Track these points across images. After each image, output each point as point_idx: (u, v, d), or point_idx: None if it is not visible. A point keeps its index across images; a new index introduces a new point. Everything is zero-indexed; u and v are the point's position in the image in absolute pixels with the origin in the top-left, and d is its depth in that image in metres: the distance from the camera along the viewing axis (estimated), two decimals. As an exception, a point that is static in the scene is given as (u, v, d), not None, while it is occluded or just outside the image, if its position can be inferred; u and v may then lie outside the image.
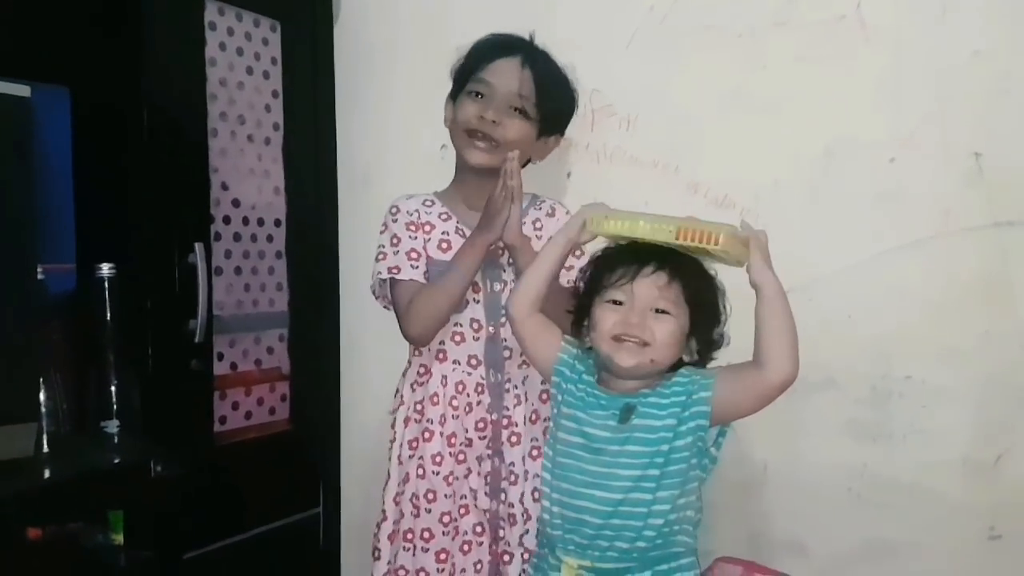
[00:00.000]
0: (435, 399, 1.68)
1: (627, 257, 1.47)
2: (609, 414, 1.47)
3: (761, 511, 1.93)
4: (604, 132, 2.01)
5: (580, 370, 1.54)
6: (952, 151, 1.78)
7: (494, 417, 1.68)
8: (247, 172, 2.07)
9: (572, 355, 1.55)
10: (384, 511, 1.72)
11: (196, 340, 1.85)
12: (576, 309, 1.54)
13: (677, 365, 1.50)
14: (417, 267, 1.67)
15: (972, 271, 1.78)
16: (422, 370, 1.71)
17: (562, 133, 1.78)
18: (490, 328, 1.69)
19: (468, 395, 1.68)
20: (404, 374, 1.75)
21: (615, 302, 1.46)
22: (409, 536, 1.69)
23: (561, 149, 1.83)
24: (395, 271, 1.67)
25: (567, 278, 1.64)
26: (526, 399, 1.70)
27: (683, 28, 1.95)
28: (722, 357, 1.53)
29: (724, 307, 1.50)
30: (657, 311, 1.45)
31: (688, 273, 1.46)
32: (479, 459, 1.68)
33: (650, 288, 1.44)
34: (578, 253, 1.61)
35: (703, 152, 1.94)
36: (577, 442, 1.49)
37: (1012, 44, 1.75)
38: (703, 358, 1.51)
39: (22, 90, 1.48)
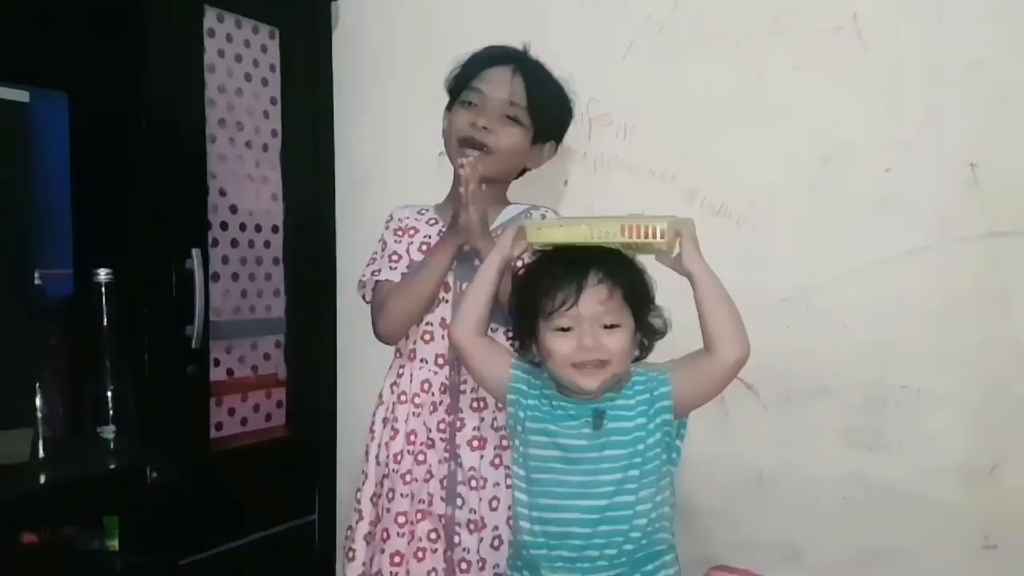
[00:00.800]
0: (403, 397, 1.70)
1: (561, 277, 1.42)
2: (581, 423, 1.46)
3: (756, 518, 1.93)
4: (601, 141, 2.02)
5: (538, 384, 1.51)
6: (948, 160, 1.79)
7: (450, 419, 1.68)
8: (245, 178, 2.08)
9: (525, 370, 1.52)
10: (360, 511, 1.72)
11: (193, 346, 1.86)
12: (517, 332, 1.51)
13: None
14: (395, 268, 1.71)
15: (968, 280, 1.78)
16: (401, 371, 1.73)
17: (558, 141, 1.78)
18: None
19: (433, 394, 1.69)
20: (385, 377, 1.76)
21: (564, 329, 1.43)
22: (384, 536, 1.69)
23: (558, 157, 1.83)
24: (376, 273, 1.72)
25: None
26: (485, 405, 1.68)
27: (680, 37, 1.96)
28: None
29: (651, 285, 1.48)
30: (606, 326, 1.42)
31: (619, 273, 1.43)
32: (439, 462, 1.68)
33: (594, 306, 1.41)
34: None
35: (700, 160, 1.95)
36: (553, 455, 1.47)
37: (1008, 54, 1.76)
38: (648, 345, 1.48)
39: (21, 95, 1.47)
